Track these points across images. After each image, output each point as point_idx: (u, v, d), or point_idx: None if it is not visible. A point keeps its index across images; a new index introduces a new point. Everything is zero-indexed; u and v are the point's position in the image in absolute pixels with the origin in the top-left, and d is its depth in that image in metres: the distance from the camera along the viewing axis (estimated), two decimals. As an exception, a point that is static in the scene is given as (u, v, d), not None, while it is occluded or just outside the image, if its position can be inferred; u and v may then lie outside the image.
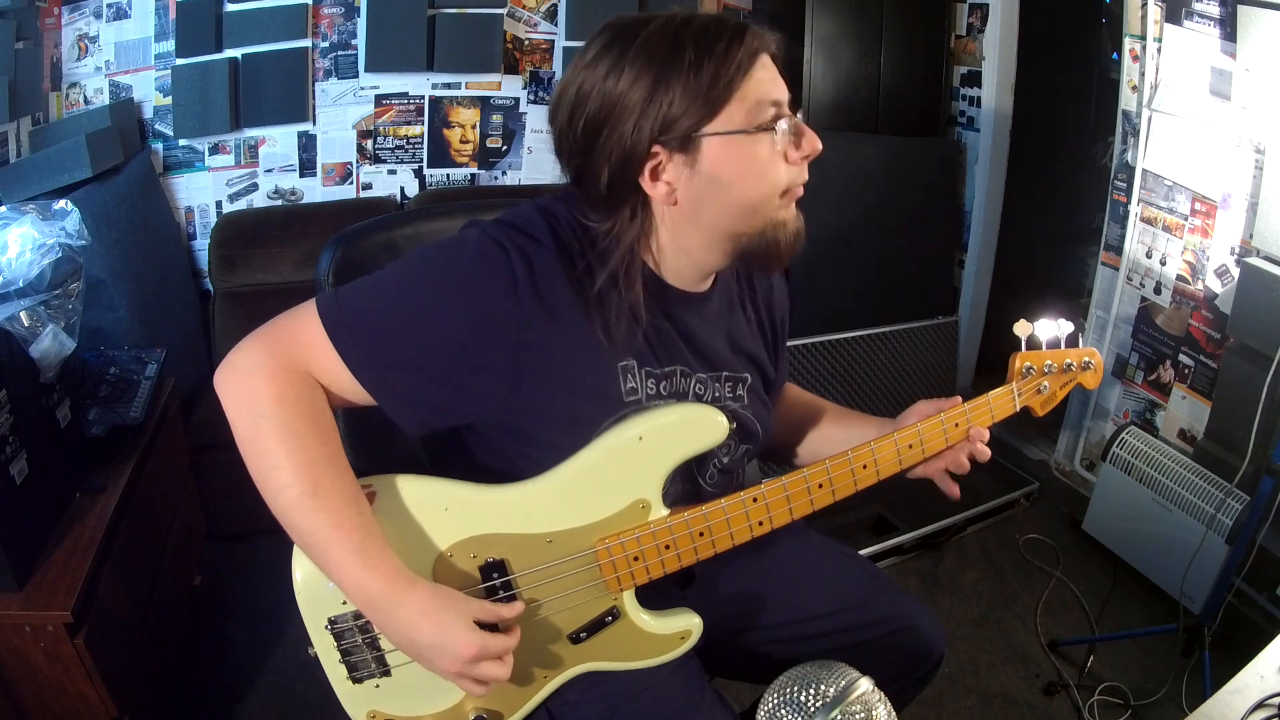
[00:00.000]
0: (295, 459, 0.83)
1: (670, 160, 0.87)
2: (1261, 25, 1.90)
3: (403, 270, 0.88)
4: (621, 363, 0.92)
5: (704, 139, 0.86)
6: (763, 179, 0.89)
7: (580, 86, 0.87)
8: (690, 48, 0.84)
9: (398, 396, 0.87)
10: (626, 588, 0.96)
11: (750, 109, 0.86)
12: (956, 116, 2.97)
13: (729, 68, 0.85)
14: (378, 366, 0.86)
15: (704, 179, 0.88)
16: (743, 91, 0.86)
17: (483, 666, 0.86)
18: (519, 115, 2.91)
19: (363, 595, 0.85)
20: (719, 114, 0.85)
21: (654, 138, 0.85)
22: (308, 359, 0.86)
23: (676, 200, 0.89)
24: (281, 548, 0.92)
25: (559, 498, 0.92)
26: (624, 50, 0.86)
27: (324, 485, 0.83)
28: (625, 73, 0.85)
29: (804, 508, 0.97)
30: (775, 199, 0.91)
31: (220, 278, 2.65)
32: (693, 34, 0.85)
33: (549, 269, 0.87)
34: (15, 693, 1.38)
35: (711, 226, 0.91)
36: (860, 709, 0.80)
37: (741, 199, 0.89)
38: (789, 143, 0.89)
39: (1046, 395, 1.08)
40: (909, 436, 1.00)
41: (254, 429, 0.83)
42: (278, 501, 0.84)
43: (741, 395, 1.04)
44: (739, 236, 0.92)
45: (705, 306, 1.00)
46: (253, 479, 0.85)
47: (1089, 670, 1.98)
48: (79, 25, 2.51)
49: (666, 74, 0.84)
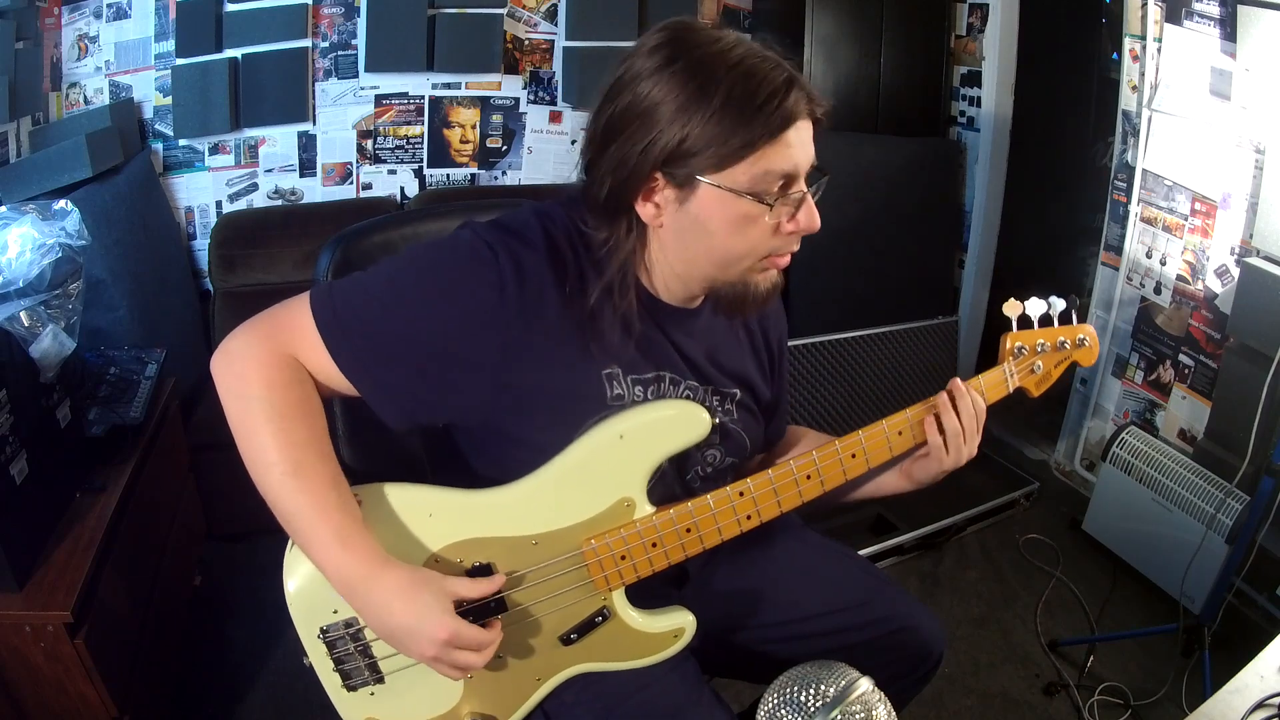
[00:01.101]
0: (280, 440, 0.85)
1: (665, 189, 0.87)
2: (1261, 25, 1.90)
3: (394, 267, 0.90)
4: (606, 370, 0.93)
5: (701, 184, 0.85)
6: (743, 240, 0.88)
7: (625, 71, 0.86)
8: (727, 87, 0.81)
9: (380, 389, 0.89)
10: (615, 587, 0.95)
11: (757, 176, 0.84)
12: (956, 116, 2.97)
13: (755, 126, 0.82)
14: (362, 359, 0.88)
15: (689, 219, 0.87)
16: (761, 155, 0.83)
17: (458, 654, 0.86)
18: (519, 115, 2.91)
19: (340, 577, 0.86)
20: (725, 168, 0.84)
21: (657, 165, 0.85)
22: (298, 347, 0.88)
23: (662, 224, 0.89)
24: (281, 548, 0.92)
25: (543, 499, 0.92)
26: (672, 58, 0.83)
27: (306, 466, 0.85)
28: (662, 84, 0.83)
29: (792, 500, 0.96)
30: (752, 261, 0.90)
31: (220, 278, 2.65)
32: (737, 74, 0.82)
33: (537, 273, 0.87)
34: (15, 693, 1.38)
35: (688, 263, 0.92)
36: (860, 709, 0.80)
37: (720, 251, 0.89)
38: (786, 215, 0.88)
39: (1041, 374, 1.06)
40: (898, 423, 0.99)
41: (243, 411, 0.86)
42: (264, 481, 0.86)
43: (730, 409, 1.04)
44: (712, 280, 0.92)
45: (694, 323, 0.99)
46: (243, 460, 0.87)
47: (1089, 670, 1.98)
48: (79, 25, 2.51)
49: (693, 105, 0.82)
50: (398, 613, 0.85)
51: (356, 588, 0.86)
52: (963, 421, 0.98)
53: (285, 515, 0.86)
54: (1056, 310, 1.02)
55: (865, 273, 2.78)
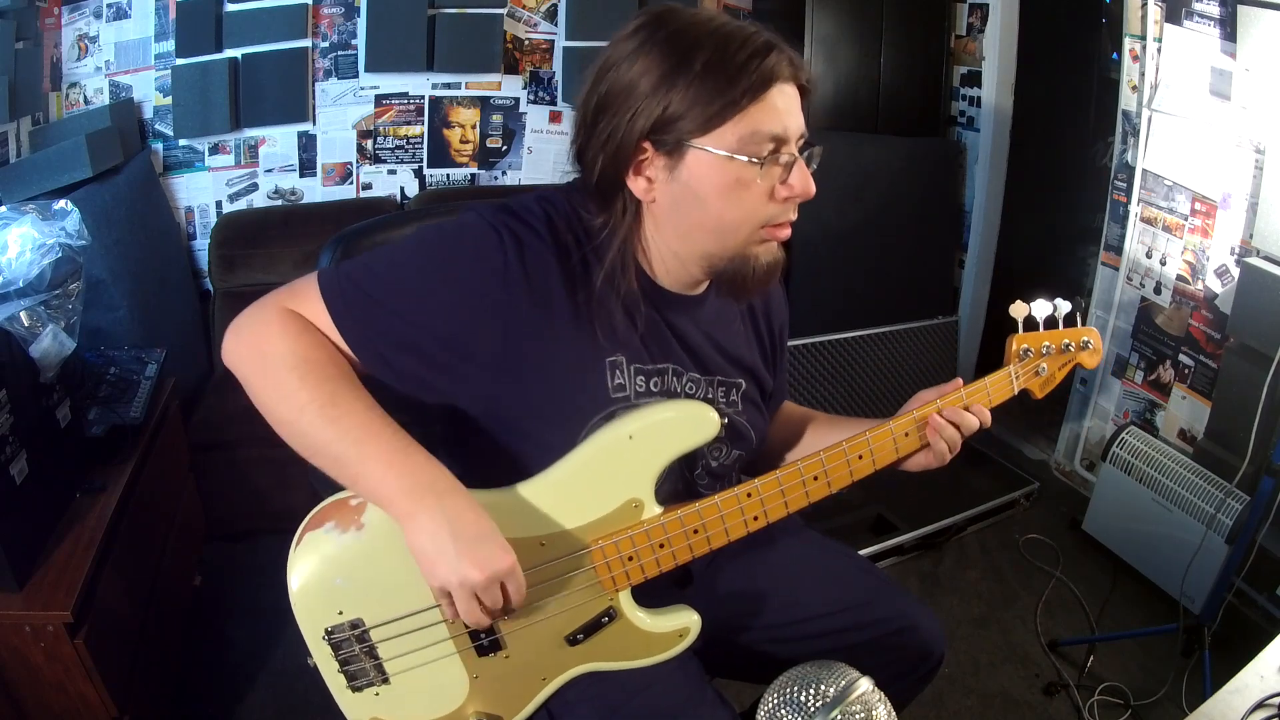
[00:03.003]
0: (308, 380, 0.83)
1: (655, 159, 0.87)
2: (1261, 25, 1.90)
3: (401, 247, 0.90)
4: (610, 358, 0.92)
5: (690, 149, 0.85)
6: (738, 206, 0.87)
7: (607, 59, 0.87)
8: (706, 52, 0.82)
9: (383, 364, 0.89)
10: (622, 587, 0.95)
11: (745, 136, 0.84)
12: (956, 116, 2.97)
13: (737, 86, 0.82)
14: (366, 333, 0.88)
15: (681, 187, 0.87)
16: (746, 114, 0.83)
17: (496, 590, 0.83)
18: (519, 115, 2.91)
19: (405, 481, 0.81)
20: (713, 130, 0.83)
21: (645, 134, 0.85)
22: (310, 318, 0.88)
23: (655, 199, 0.89)
24: (281, 548, 0.92)
25: (551, 499, 0.92)
26: (651, 35, 0.85)
27: (341, 396, 0.83)
28: (641, 60, 0.84)
29: (799, 500, 0.96)
30: (750, 230, 0.89)
31: (220, 278, 2.65)
32: (715, 39, 0.83)
33: (541, 256, 0.88)
34: (15, 693, 1.38)
35: (684, 238, 0.91)
36: (860, 709, 0.80)
37: (715, 219, 0.88)
38: (779, 179, 0.87)
39: (1045, 377, 1.06)
40: (905, 425, 0.99)
41: (263, 369, 0.85)
42: (298, 427, 0.83)
43: (735, 400, 1.04)
44: (710, 256, 0.92)
45: (698, 310, 0.99)
46: (274, 427, 0.85)
47: (1089, 670, 1.98)
48: (79, 25, 2.51)
49: (675, 73, 0.83)
50: (471, 523, 0.81)
51: (426, 494, 0.81)
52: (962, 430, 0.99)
53: (330, 449, 0.83)
54: (1061, 312, 1.03)
55: (865, 273, 2.78)
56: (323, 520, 0.90)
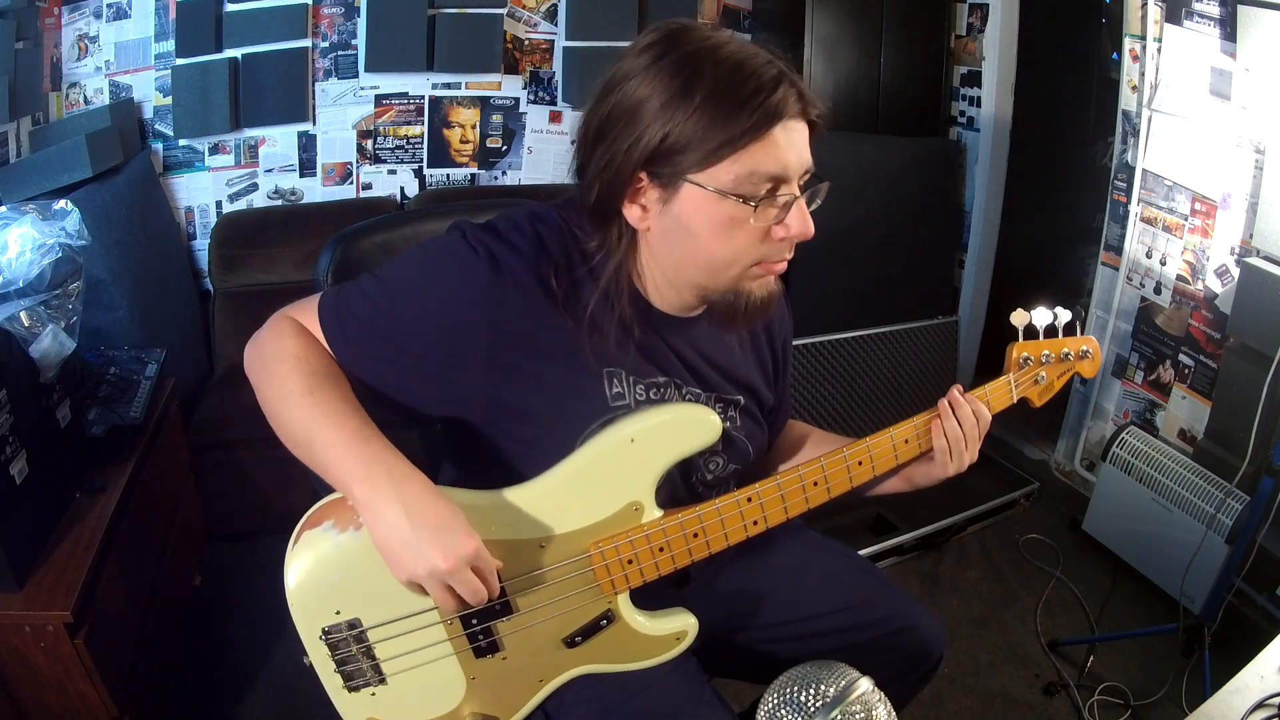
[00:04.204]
0: (296, 372, 0.86)
1: (650, 190, 0.85)
2: (1261, 25, 1.90)
3: (388, 268, 0.92)
4: (607, 368, 0.92)
5: (684, 183, 0.83)
6: (729, 245, 0.86)
7: (615, 73, 0.85)
8: (709, 82, 0.79)
9: (373, 377, 0.91)
10: (621, 591, 0.95)
11: (741, 175, 0.81)
12: (956, 116, 2.97)
13: (739, 123, 0.79)
14: (350, 349, 0.90)
15: (673, 220, 0.86)
16: (745, 152, 0.80)
17: (467, 575, 0.81)
18: (519, 115, 2.91)
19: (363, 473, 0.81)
20: (709, 167, 0.81)
21: (641, 165, 0.83)
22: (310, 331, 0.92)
23: (649, 228, 0.88)
24: (281, 548, 0.92)
25: (550, 502, 0.92)
26: (660, 56, 0.82)
27: (322, 387, 0.86)
28: (647, 82, 0.81)
29: (799, 506, 0.97)
30: (741, 268, 0.88)
31: (220, 278, 2.65)
32: (724, 68, 0.80)
33: (519, 275, 0.88)
34: (15, 693, 1.38)
35: (676, 269, 0.91)
36: (860, 709, 0.80)
37: (705, 255, 0.87)
38: (775, 220, 0.85)
39: (1044, 385, 1.07)
40: (904, 432, 1.00)
41: (264, 368, 0.89)
42: (282, 412, 0.86)
43: (734, 416, 1.04)
44: (703, 287, 0.91)
45: (693, 330, 0.99)
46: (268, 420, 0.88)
47: (1089, 670, 1.98)
48: (79, 25, 2.51)
49: (677, 101, 0.80)
50: (431, 513, 0.80)
51: (381, 481, 0.80)
52: (964, 428, 0.99)
53: (300, 434, 0.85)
54: (1061, 321, 1.04)
55: (865, 273, 2.78)
56: (320, 519, 0.89)
